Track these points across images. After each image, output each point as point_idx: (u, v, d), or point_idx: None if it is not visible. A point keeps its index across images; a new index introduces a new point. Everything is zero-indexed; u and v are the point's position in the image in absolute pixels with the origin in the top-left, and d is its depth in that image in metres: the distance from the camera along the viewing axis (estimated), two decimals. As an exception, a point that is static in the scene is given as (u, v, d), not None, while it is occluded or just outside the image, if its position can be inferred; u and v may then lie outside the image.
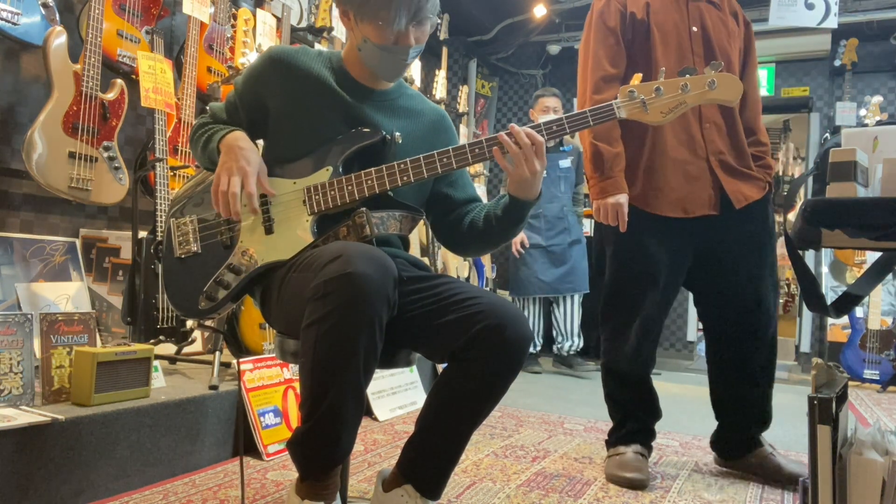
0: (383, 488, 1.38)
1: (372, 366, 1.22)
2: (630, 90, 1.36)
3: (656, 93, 1.35)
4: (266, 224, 1.43)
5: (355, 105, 1.47)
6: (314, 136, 1.44)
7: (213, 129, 1.49)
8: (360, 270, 1.16)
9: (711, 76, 1.35)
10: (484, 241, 1.52)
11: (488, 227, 1.48)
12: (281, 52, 1.49)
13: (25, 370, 1.64)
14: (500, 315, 1.29)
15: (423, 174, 1.38)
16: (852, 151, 1.08)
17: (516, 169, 1.35)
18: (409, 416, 2.76)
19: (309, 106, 1.46)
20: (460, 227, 1.54)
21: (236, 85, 1.53)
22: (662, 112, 1.36)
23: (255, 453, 2.05)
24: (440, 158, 1.38)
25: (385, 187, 1.39)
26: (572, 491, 1.92)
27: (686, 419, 3.08)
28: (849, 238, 1.10)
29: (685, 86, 1.34)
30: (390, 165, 1.39)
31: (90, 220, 2.65)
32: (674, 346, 5.46)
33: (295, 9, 3.42)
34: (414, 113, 1.56)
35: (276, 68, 1.47)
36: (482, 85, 5.85)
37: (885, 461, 1.07)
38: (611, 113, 1.36)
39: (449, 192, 1.57)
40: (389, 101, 1.53)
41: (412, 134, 1.51)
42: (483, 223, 1.49)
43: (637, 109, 1.36)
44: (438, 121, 1.59)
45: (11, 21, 2.14)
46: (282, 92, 1.46)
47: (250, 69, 1.51)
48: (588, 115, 1.36)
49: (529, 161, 1.34)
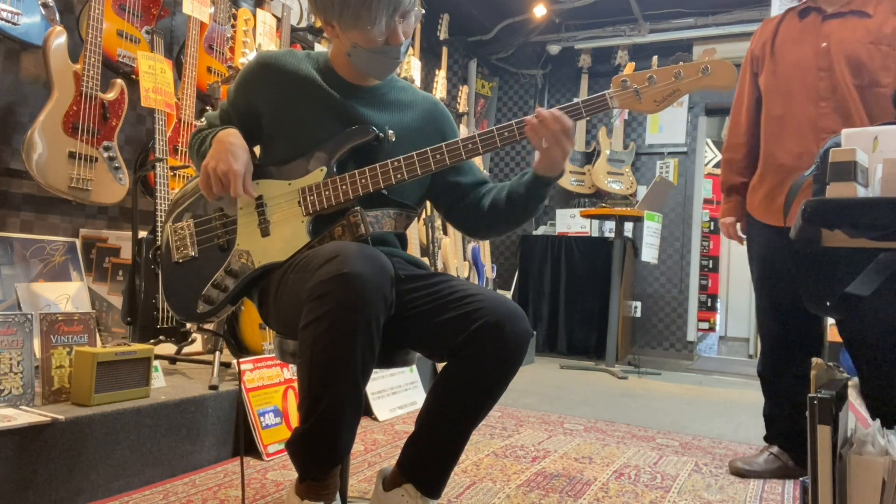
0: (384, 488, 1.38)
1: (370, 366, 1.22)
2: (623, 79, 1.36)
3: (649, 81, 1.35)
4: (262, 226, 1.43)
5: (346, 103, 1.47)
6: (307, 137, 1.44)
7: (208, 133, 1.50)
8: (356, 270, 1.16)
9: (705, 62, 1.34)
10: (509, 219, 1.52)
11: (511, 206, 1.48)
12: (268, 57, 1.49)
13: (25, 370, 1.64)
14: (499, 311, 1.29)
15: (417, 171, 1.38)
16: (852, 151, 1.08)
17: (551, 150, 1.36)
18: (409, 416, 2.76)
19: (300, 107, 1.46)
20: (479, 209, 1.54)
21: (228, 94, 1.54)
22: (656, 101, 1.36)
23: (255, 453, 2.05)
24: (433, 155, 1.38)
25: (379, 185, 1.39)
26: (572, 491, 1.92)
27: (686, 419, 3.08)
28: (849, 238, 1.10)
29: (678, 73, 1.34)
30: (384, 163, 1.39)
31: (90, 220, 2.65)
32: (674, 346, 5.46)
33: (295, 9, 3.42)
34: (406, 105, 1.55)
35: (265, 73, 1.47)
36: (482, 85, 5.85)
37: (885, 461, 1.07)
38: (604, 103, 1.38)
39: (456, 179, 1.56)
40: (380, 95, 1.52)
41: (406, 127, 1.50)
42: (506, 201, 1.49)
43: (630, 98, 1.37)
44: (432, 109, 1.58)
45: (11, 21, 2.14)
46: (272, 96, 1.46)
47: (240, 77, 1.52)
48: (580, 105, 1.37)
49: (560, 142, 1.35)
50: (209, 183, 1.39)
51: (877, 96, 1.99)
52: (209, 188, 1.40)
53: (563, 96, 5.99)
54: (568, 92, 5.96)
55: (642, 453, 2.40)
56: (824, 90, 2.05)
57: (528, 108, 6.03)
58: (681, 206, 5.44)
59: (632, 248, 5.27)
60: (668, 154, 5.52)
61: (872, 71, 1.99)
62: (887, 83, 1.98)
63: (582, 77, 5.72)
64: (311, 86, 1.47)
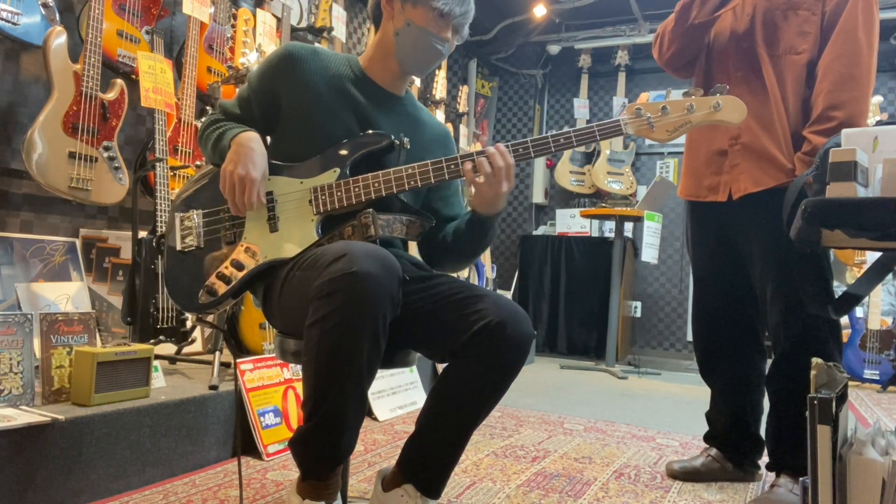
0: (383, 488, 1.38)
1: (375, 365, 1.22)
2: (637, 108, 1.41)
3: (662, 112, 1.41)
4: (271, 222, 1.43)
5: (368, 107, 1.48)
6: (324, 136, 1.45)
7: (226, 127, 1.48)
8: (364, 269, 1.16)
9: (716, 98, 1.40)
10: (455, 255, 1.56)
11: (457, 243, 1.53)
12: (299, 48, 1.49)
13: (25, 370, 1.64)
14: (501, 313, 1.29)
15: (431, 179, 1.40)
16: (852, 151, 1.08)
17: (486, 188, 1.39)
18: (409, 416, 2.76)
19: (321, 105, 1.46)
20: (435, 242, 1.57)
21: (250, 79, 1.53)
22: (668, 130, 1.41)
23: (255, 453, 2.05)
24: (447, 165, 1.40)
25: (392, 191, 1.40)
26: (572, 491, 1.92)
27: (686, 419, 3.08)
28: (849, 238, 1.10)
29: (691, 106, 1.39)
30: (398, 169, 1.40)
31: (90, 220, 2.65)
32: (674, 346, 5.46)
33: (295, 9, 3.42)
34: (422, 123, 1.58)
35: (292, 64, 1.47)
36: (482, 85, 5.85)
37: (885, 461, 1.07)
38: (618, 129, 1.41)
39: (437, 206, 1.59)
40: (402, 107, 1.55)
41: (418, 143, 1.52)
42: (453, 239, 1.53)
43: (644, 127, 1.41)
44: (443, 136, 1.64)
45: (11, 21, 2.14)
46: (296, 88, 1.46)
47: (265, 64, 1.50)
48: (595, 129, 1.41)
49: (498, 182, 1.38)
50: (225, 187, 1.40)
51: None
52: (224, 192, 1.41)
53: (563, 96, 5.99)
54: (568, 92, 5.96)
55: (642, 453, 2.40)
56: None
57: (528, 108, 6.03)
58: (680, 206, 5.43)
59: (632, 248, 5.28)
60: (668, 154, 5.52)
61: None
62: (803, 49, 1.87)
63: (582, 77, 5.72)
64: (337, 86, 1.48)
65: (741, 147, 1.91)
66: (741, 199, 1.92)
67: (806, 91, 1.86)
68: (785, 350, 1.86)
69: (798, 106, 1.86)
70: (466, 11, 1.46)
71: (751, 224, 1.92)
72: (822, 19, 1.84)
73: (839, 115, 1.75)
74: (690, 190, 2.07)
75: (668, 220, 5.45)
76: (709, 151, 2.00)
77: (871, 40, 1.80)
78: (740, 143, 1.91)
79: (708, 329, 2.13)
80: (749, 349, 2.07)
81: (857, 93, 1.76)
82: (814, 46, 1.85)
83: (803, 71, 1.86)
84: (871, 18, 1.80)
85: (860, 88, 1.77)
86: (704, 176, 2.01)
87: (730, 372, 2.08)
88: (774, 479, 1.88)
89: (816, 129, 1.78)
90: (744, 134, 1.91)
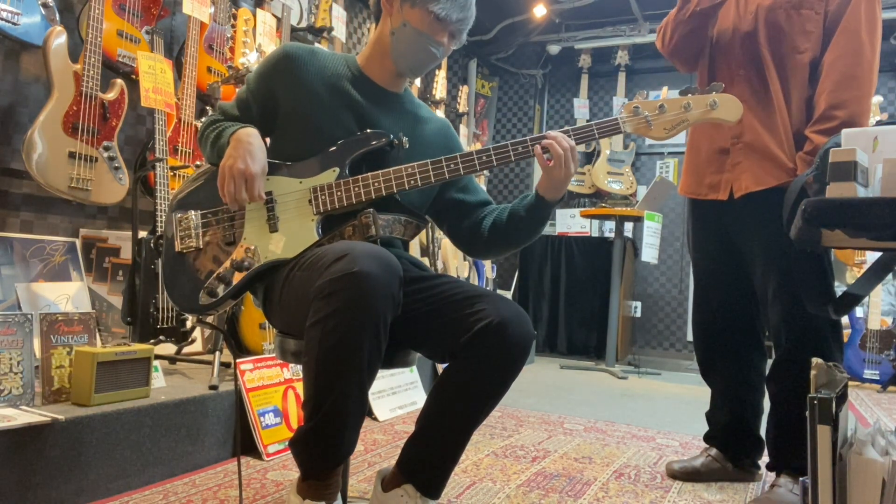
0: (383, 488, 1.38)
1: (376, 365, 1.22)
2: (635, 106, 1.42)
3: (660, 110, 1.41)
4: (270, 222, 1.43)
5: (367, 106, 1.48)
6: (323, 135, 1.44)
7: (224, 126, 1.48)
8: (365, 269, 1.16)
9: (713, 97, 1.40)
10: (509, 241, 1.54)
11: (513, 228, 1.51)
12: (297, 48, 1.49)
13: (25, 370, 1.64)
14: (502, 313, 1.29)
15: (431, 179, 1.40)
16: (852, 151, 1.08)
17: (556, 170, 1.39)
18: (409, 416, 2.76)
19: (319, 105, 1.46)
20: (480, 229, 1.55)
21: (248, 81, 1.53)
22: (665, 128, 1.42)
23: (255, 453, 2.05)
24: (447, 164, 1.40)
25: (392, 190, 1.39)
26: (572, 491, 1.92)
27: (686, 419, 3.08)
28: (849, 238, 1.10)
29: (688, 104, 1.40)
30: (398, 169, 1.39)
31: (90, 220, 2.65)
32: (674, 346, 5.47)
33: (295, 9, 3.42)
34: (421, 119, 1.58)
35: (290, 65, 1.47)
36: (482, 85, 5.85)
37: (885, 461, 1.07)
38: (616, 127, 1.42)
39: (462, 197, 1.58)
40: (400, 104, 1.55)
41: (420, 138, 1.52)
42: (507, 224, 1.51)
43: (642, 125, 1.42)
44: (445, 128, 1.63)
45: (11, 21, 2.14)
46: (295, 88, 1.46)
47: (264, 64, 1.50)
48: (594, 128, 1.42)
49: (567, 163, 1.39)
50: (224, 181, 1.39)
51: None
52: (223, 187, 1.40)
53: (563, 96, 5.99)
54: (568, 92, 5.96)
55: (642, 453, 2.40)
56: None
57: (528, 108, 6.03)
58: (681, 206, 5.43)
59: (632, 248, 5.28)
60: (668, 154, 5.52)
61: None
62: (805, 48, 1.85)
63: (582, 77, 5.72)
64: (336, 85, 1.48)
65: (743, 146, 1.91)
66: (742, 198, 1.91)
67: (808, 90, 1.86)
68: (785, 350, 1.86)
69: (800, 105, 1.86)
70: (465, 18, 1.45)
71: (752, 223, 1.92)
72: (825, 18, 1.84)
73: (841, 115, 1.75)
74: (691, 188, 2.07)
75: (668, 220, 5.45)
76: (710, 149, 2.00)
77: (873, 40, 1.80)
78: (742, 142, 1.91)
79: (708, 329, 2.13)
80: (749, 349, 2.07)
81: (858, 92, 1.76)
82: (816, 46, 1.85)
83: (806, 70, 1.86)
84: (873, 18, 1.80)
85: (862, 88, 1.77)
86: (706, 174, 2.01)
87: (730, 372, 2.08)
88: (774, 479, 1.88)
89: (818, 128, 1.78)
90: (746, 132, 1.91)
